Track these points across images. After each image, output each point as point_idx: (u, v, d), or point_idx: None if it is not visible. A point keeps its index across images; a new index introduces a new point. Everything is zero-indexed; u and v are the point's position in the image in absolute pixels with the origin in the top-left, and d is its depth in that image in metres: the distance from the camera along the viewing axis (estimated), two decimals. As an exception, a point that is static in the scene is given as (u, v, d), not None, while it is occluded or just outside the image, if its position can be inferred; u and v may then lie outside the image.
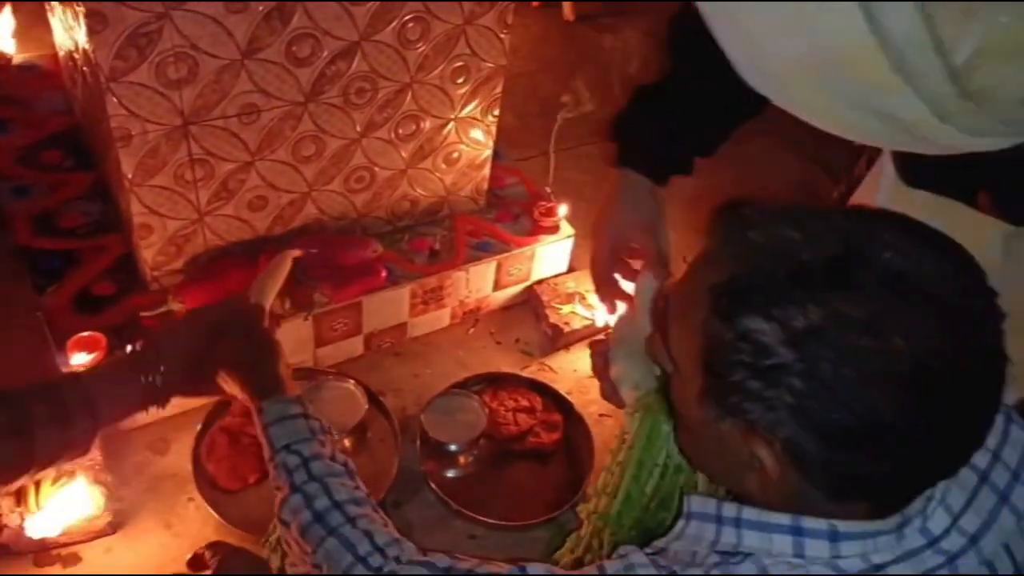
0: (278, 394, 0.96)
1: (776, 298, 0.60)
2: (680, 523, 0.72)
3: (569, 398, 1.53)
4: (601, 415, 1.57)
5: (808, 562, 0.64)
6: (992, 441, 0.69)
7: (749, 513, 0.67)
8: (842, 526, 0.64)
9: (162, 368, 0.93)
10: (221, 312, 1.03)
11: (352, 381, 1.46)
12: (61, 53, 1.62)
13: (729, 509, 0.68)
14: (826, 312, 0.58)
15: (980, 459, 0.68)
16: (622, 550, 0.72)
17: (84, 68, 1.32)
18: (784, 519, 0.65)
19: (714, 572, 0.66)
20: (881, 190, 1.06)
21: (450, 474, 1.43)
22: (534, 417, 1.49)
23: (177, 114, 1.25)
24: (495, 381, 1.55)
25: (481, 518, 1.35)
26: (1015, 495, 0.68)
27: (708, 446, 0.72)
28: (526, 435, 1.47)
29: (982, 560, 0.66)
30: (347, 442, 1.41)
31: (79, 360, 1.32)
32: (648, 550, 0.73)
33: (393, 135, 1.49)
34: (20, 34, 1.92)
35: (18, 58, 1.88)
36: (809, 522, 0.64)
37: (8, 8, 1.90)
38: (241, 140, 1.33)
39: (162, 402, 0.94)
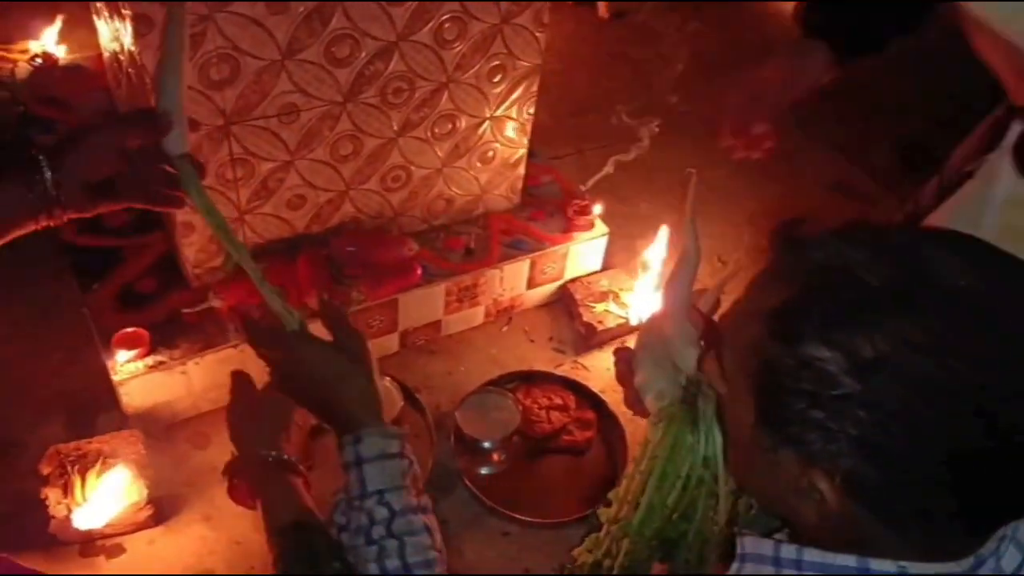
0: (374, 418, 0.89)
1: (839, 324, 0.58)
2: (734, 565, 0.69)
3: (602, 396, 1.53)
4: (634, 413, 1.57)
5: None
6: None
7: (811, 555, 0.63)
8: (912, 568, 0.61)
9: (55, 179, 0.82)
10: (126, 128, 0.88)
11: (388, 378, 1.48)
12: (106, 54, 1.65)
13: (788, 551, 0.64)
14: (893, 341, 0.56)
15: None
16: None
17: (129, 70, 1.35)
18: (850, 560, 0.62)
19: None
20: (999, 187, 1.01)
21: (484, 471, 1.44)
22: (567, 415, 1.49)
23: (219, 114, 1.27)
24: (529, 379, 1.56)
25: (515, 515, 1.36)
26: None
27: (761, 471, 0.68)
28: (559, 433, 1.47)
29: None
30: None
31: (124, 356, 1.35)
32: None
33: (429, 134, 1.51)
34: (65, 35, 1.97)
35: (63, 59, 1.91)
36: (876, 564, 0.61)
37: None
38: (281, 140, 1.35)
39: (56, 216, 0.84)
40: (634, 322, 1.69)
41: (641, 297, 1.69)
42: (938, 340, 0.56)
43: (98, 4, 1.54)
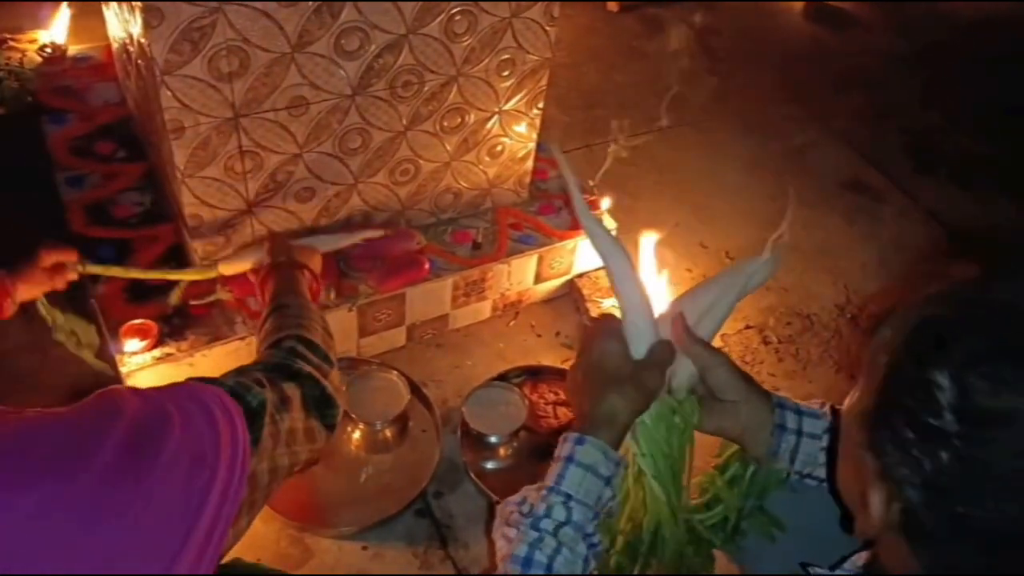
0: (609, 435, 0.84)
1: (976, 364, 0.55)
2: None
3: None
4: (642, 410, 1.57)
5: None
6: None
7: None
8: None
9: None
10: None
11: (395, 372, 1.48)
12: (115, 45, 1.65)
13: None
14: (1013, 403, 0.53)
15: None
16: None
17: (139, 61, 1.35)
18: None
19: None
20: None
21: (490, 465, 1.44)
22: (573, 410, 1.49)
23: (228, 107, 1.27)
24: (535, 374, 1.56)
25: (521, 510, 1.36)
26: None
27: (847, 460, 0.69)
28: (566, 428, 1.47)
29: None
30: (389, 432, 1.43)
31: (132, 347, 1.35)
32: None
33: (438, 128, 1.50)
34: (75, 26, 1.97)
35: (73, 49, 1.92)
36: None
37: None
38: (290, 132, 1.35)
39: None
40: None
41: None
42: None
43: (108, -5, 1.54)
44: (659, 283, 1.69)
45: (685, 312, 0.90)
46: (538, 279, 1.69)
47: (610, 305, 1.68)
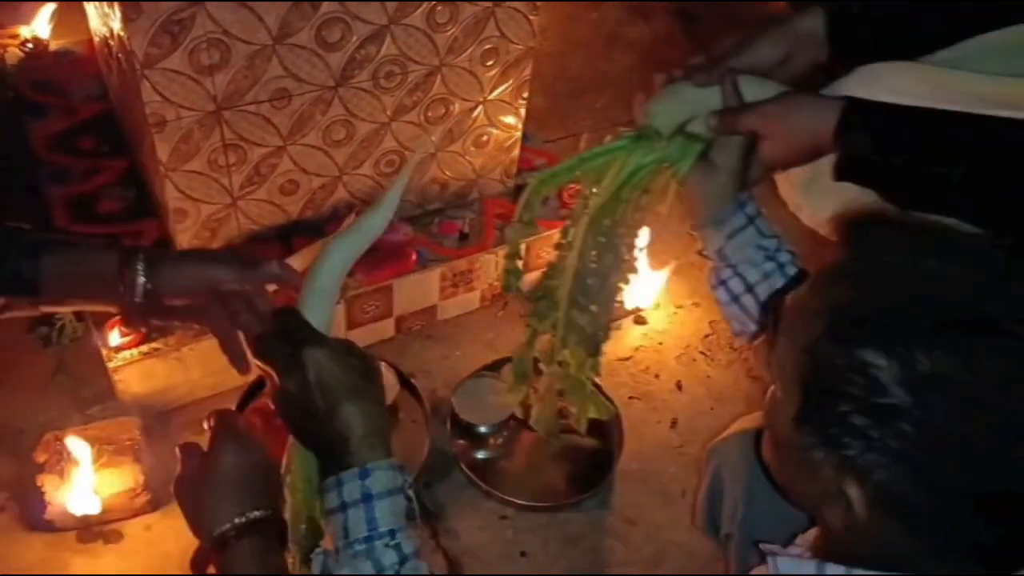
0: (382, 450, 0.75)
1: (905, 336, 0.56)
2: None
3: (598, 381, 1.53)
4: (631, 397, 1.57)
5: None
6: None
7: (862, 572, 0.62)
8: None
9: (146, 287, 0.80)
10: (227, 269, 0.83)
11: (383, 363, 1.48)
12: (96, 39, 1.64)
13: (836, 570, 0.63)
14: (961, 363, 0.54)
15: None
16: None
17: (119, 55, 1.34)
18: None
19: None
20: None
21: (480, 455, 1.45)
22: (564, 400, 1.49)
23: (210, 100, 1.26)
24: (524, 363, 1.56)
25: (511, 499, 1.36)
26: None
27: (794, 468, 0.67)
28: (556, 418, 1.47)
29: None
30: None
31: (118, 343, 1.35)
32: None
33: (423, 118, 1.50)
34: (57, 21, 1.95)
35: (54, 44, 1.90)
36: None
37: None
38: (273, 125, 1.35)
39: (135, 324, 0.85)
40: (628, 306, 1.70)
41: (635, 283, 1.69)
42: (1009, 370, 0.54)
43: (87, -12, 1.53)
44: (662, 277, 1.70)
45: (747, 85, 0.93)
46: (527, 269, 1.69)
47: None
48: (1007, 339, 0.55)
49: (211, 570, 0.75)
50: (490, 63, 1.49)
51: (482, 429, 1.44)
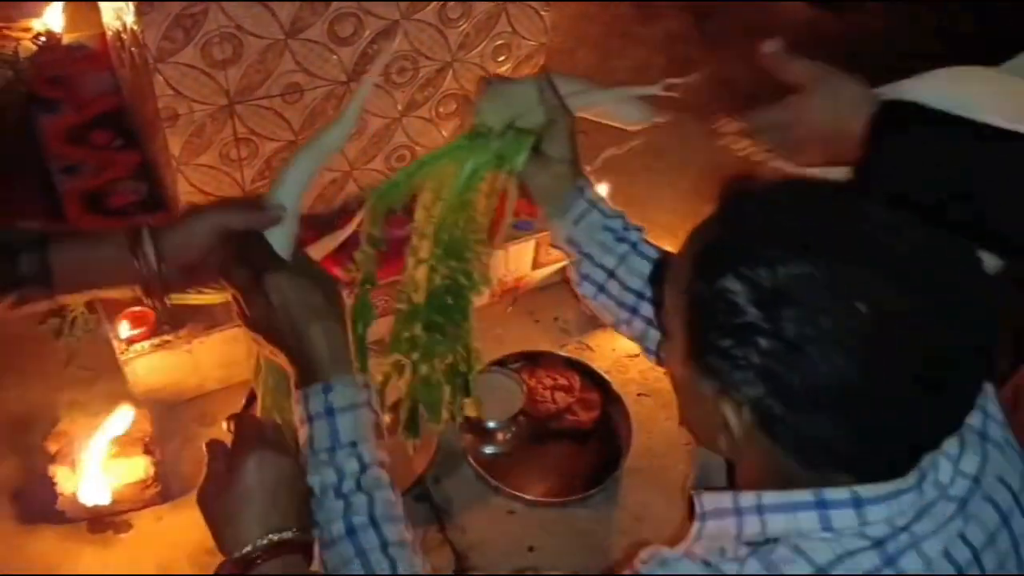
0: (345, 366, 0.81)
1: (749, 258, 0.62)
2: (695, 525, 0.70)
3: (607, 377, 1.54)
4: (639, 394, 1.57)
5: (837, 535, 0.63)
6: None
7: (770, 498, 0.66)
8: (864, 491, 0.64)
9: (158, 262, 0.80)
10: (230, 215, 0.83)
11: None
12: (109, 33, 1.64)
13: (748, 499, 0.67)
14: (792, 274, 0.60)
15: None
16: (645, 554, 0.70)
17: (132, 49, 1.34)
18: (807, 495, 0.64)
19: (751, 565, 0.64)
20: None
21: (489, 451, 1.45)
22: (572, 395, 1.50)
23: (222, 94, 1.27)
24: (533, 359, 1.56)
25: (519, 494, 1.37)
26: (991, 431, 0.71)
27: (691, 407, 0.73)
28: (564, 413, 1.48)
29: (984, 497, 0.68)
30: (388, 418, 1.43)
31: (129, 335, 1.35)
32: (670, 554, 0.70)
33: (434, 114, 1.50)
34: (70, 14, 1.96)
35: (67, 38, 1.91)
36: (831, 493, 0.64)
37: (58, -12, 1.94)
38: (284, 119, 1.35)
39: (158, 297, 0.82)
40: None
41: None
42: (834, 276, 0.59)
43: (101, -17, 1.53)
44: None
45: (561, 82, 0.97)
46: (535, 265, 1.69)
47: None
48: (829, 253, 0.60)
49: None
50: (502, 59, 1.49)
51: (491, 424, 1.44)
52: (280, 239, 0.83)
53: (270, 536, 0.72)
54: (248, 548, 0.72)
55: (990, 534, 0.67)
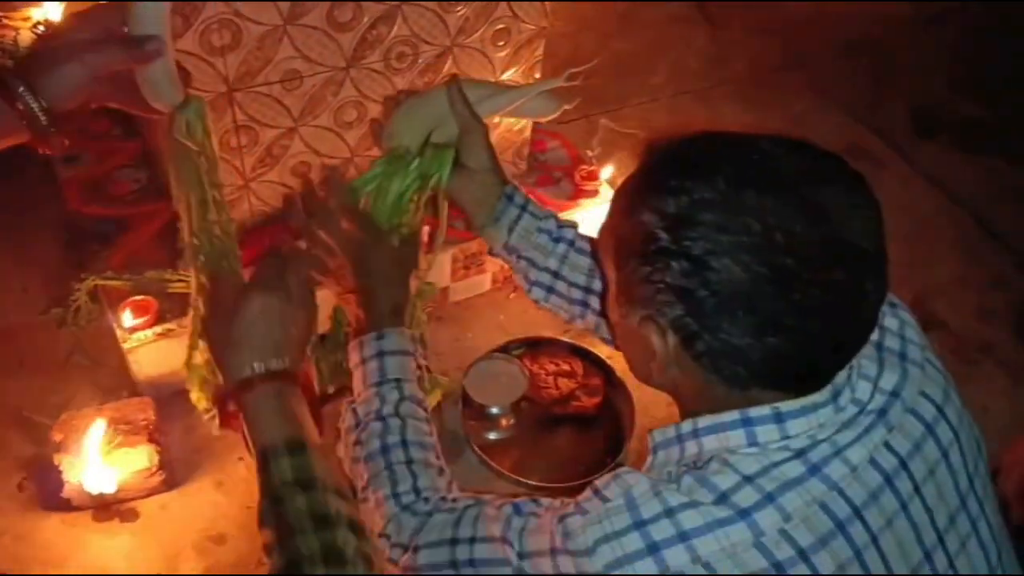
0: (398, 320, 0.98)
1: (659, 191, 0.69)
2: (648, 459, 0.77)
3: (609, 362, 1.54)
4: (642, 379, 1.57)
5: (762, 449, 0.69)
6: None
7: (704, 421, 0.72)
8: (784, 406, 0.69)
9: (42, 109, 0.79)
10: (106, 55, 0.80)
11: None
12: (108, 21, 1.63)
13: (686, 426, 0.73)
14: (695, 199, 0.66)
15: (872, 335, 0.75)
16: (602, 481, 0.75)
17: (130, 36, 1.34)
18: (734, 415, 0.70)
19: (685, 480, 0.69)
20: None
21: (492, 437, 1.45)
22: (575, 381, 1.50)
23: (222, 81, 1.26)
24: (536, 345, 1.56)
25: (523, 480, 1.37)
26: (910, 353, 0.77)
27: (628, 346, 0.79)
28: (567, 399, 1.48)
29: (907, 409, 0.73)
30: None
31: (131, 323, 1.35)
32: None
33: (434, 100, 1.49)
34: (68, 3, 1.95)
35: (66, 26, 1.90)
36: (755, 411, 0.70)
37: (55, -24, 1.92)
38: (284, 106, 1.34)
39: (50, 143, 0.83)
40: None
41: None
42: (727, 197, 0.66)
43: (99, -30, 1.52)
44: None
45: (469, 89, 1.03)
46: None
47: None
48: (722, 178, 0.67)
49: (232, 407, 0.83)
50: (501, 44, 1.48)
51: (494, 410, 1.44)
52: (162, 73, 0.83)
53: (267, 364, 0.80)
54: (245, 372, 0.80)
55: (915, 443, 0.72)
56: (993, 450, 1.53)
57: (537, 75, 1.57)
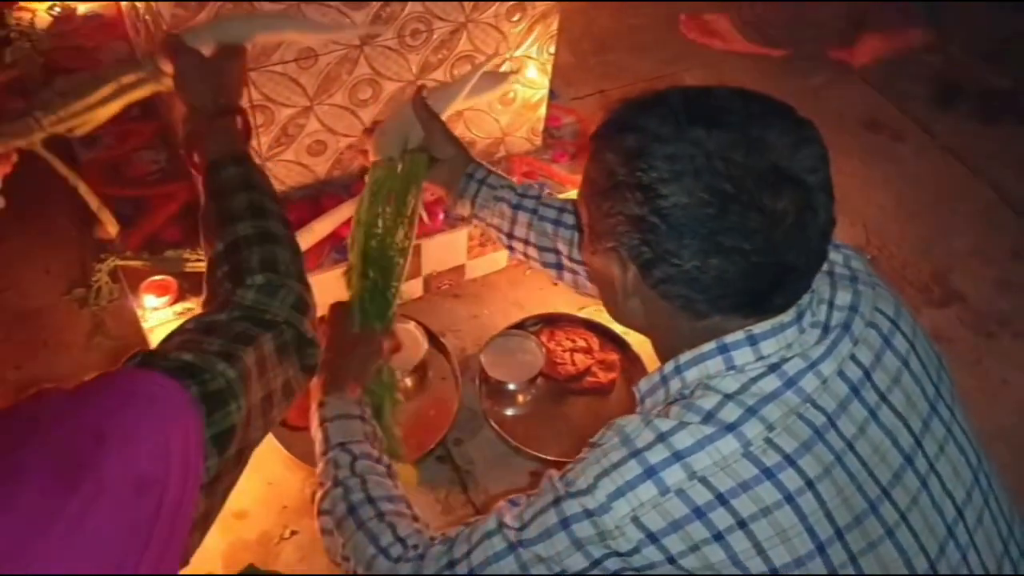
0: (342, 391, 1.07)
1: (619, 132, 0.74)
2: (637, 409, 0.82)
3: (625, 338, 1.54)
4: (658, 355, 1.57)
5: (739, 370, 0.74)
6: None
7: (684, 357, 0.76)
8: (757, 328, 0.74)
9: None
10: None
11: (413, 322, 1.49)
12: (124, 2, 1.64)
13: (669, 366, 0.78)
14: (648, 135, 0.71)
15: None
16: (597, 435, 0.80)
17: (146, 17, 1.34)
18: (711, 344, 0.75)
19: (673, 409, 0.74)
20: None
21: (509, 412, 1.46)
22: (591, 357, 1.50)
23: (237, 61, 1.26)
24: (552, 321, 1.57)
25: (540, 455, 1.38)
26: (860, 278, 0.81)
27: (598, 281, 0.83)
28: (583, 375, 1.48)
29: (867, 323, 0.77)
30: (408, 381, 1.44)
31: (151, 303, 1.37)
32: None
33: (449, 76, 1.49)
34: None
35: (83, 8, 1.91)
36: (730, 337, 0.74)
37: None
38: (299, 85, 1.35)
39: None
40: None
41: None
42: (681, 133, 0.70)
43: (112, -50, 1.52)
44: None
45: (433, 94, 1.25)
46: (553, 227, 1.69)
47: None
48: (668, 114, 0.72)
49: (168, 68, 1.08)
50: (516, 18, 1.47)
51: (511, 386, 1.45)
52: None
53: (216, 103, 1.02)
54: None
55: (876, 354, 0.77)
56: (1013, 423, 1.54)
57: (552, 49, 1.57)
